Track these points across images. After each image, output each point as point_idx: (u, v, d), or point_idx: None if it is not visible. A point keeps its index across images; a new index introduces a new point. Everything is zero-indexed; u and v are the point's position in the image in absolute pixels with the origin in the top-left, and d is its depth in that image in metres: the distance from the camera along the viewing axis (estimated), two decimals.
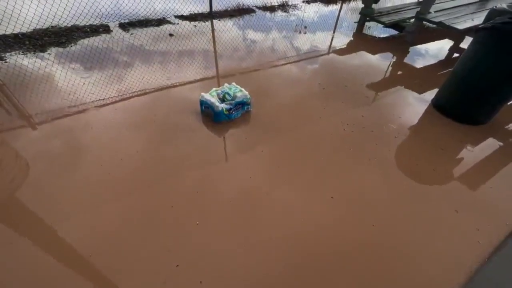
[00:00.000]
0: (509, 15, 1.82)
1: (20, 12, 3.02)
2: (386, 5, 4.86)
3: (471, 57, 2.12)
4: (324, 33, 4.08)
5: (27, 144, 1.81)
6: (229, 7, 4.39)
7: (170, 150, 1.83)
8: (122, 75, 2.60)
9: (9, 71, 2.51)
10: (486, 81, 2.06)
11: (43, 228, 1.33)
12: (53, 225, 1.34)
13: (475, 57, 2.08)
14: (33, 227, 1.34)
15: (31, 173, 1.61)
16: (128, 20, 3.66)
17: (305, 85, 2.73)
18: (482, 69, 2.04)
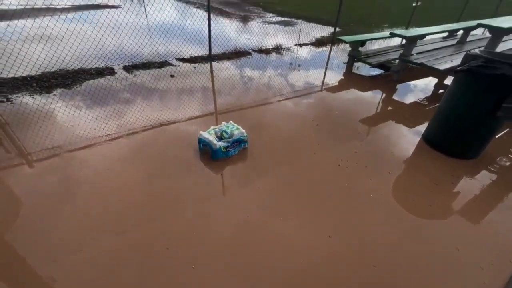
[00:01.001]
0: (482, 59, 2.00)
1: (31, 57, 3.24)
2: (372, 47, 5.28)
3: (452, 95, 2.27)
4: (316, 72, 4.36)
5: (22, 181, 1.81)
6: (227, 50, 4.72)
7: (168, 187, 1.83)
8: (123, 113, 2.71)
9: (13, 112, 2.60)
10: (468, 118, 2.18)
11: (31, 268, 1.28)
12: (40, 264, 1.29)
13: (456, 96, 2.22)
14: (20, 267, 1.28)
15: (24, 211, 1.59)
16: (132, 62, 3.91)
17: (299, 122, 2.83)
18: (463, 107, 2.18)
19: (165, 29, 5.96)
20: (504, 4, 11.08)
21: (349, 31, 7.06)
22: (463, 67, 2.10)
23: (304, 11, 9.77)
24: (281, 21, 8.65)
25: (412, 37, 3.59)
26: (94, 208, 1.65)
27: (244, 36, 6.25)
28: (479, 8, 12.38)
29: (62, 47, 3.50)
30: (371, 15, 10.33)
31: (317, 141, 2.49)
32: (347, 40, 4.08)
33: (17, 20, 5.35)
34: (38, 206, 1.65)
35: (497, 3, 11.06)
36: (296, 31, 7.27)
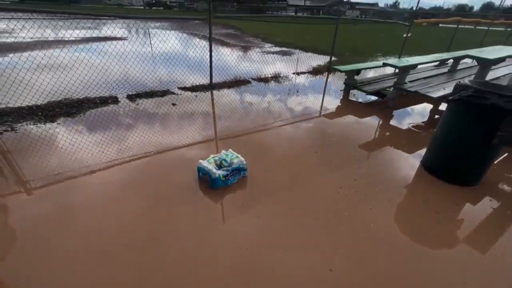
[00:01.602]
0: (472, 90, 2.08)
1: (39, 86, 3.36)
2: (367, 75, 5.49)
3: (447, 123, 2.32)
4: (314, 99, 4.49)
5: (19, 209, 1.79)
6: (228, 79, 4.92)
7: (165, 216, 1.81)
8: (123, 140, 2.75)
9: (16, 140, 2.65)
10: (464, 145, 2.21)
11: None
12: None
13: (450, 124, 2.28)
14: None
15: (19, 237, 1.55)
16: (136, 91, 4.05)
17: (298, 148, 2.87)
18: (458, 134, 2.23)
19: (169, 58, 6.25)
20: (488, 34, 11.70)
21: (344, 60, 7.39)
22: (454, 96, 2.17)
23: (301, 42, 10.31)
24: (279, 51, 9.08)
25: (404, 67, 3.76)
26: (89, 235, 1.62)
27: (244, 65, 6.53)
28: (467, 38, 13.06)
29: (69, 76, 3.65)
30: (364, 45, 10.87)
31: (316, 168, 2.50)
32: (342, 70, 4.26)
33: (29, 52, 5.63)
34: (33, 233, 1.61)
35: (483, 33, 11.70)
36: (294, 60, 7.61)
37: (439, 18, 13.69)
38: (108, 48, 5.28)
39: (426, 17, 28.98)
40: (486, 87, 2.12)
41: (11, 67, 3.72)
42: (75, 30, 10.68)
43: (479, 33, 13.38)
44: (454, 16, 10.17)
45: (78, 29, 11.21)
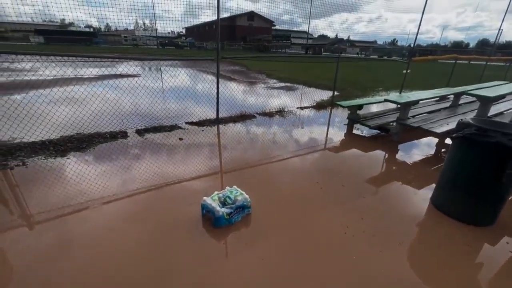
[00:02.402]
0: (475, 128, 2.10)
1: (53, 122, 3.53)
2: (370, 110, 5.61)
3: (453, 160, 2.30)
4: (318, 133, 4.55)
5: (19, 243, 1.76)
6: (233, 114, 5.08)
7: (166, 254, 1.75)
8: (130, 174, 2.77)
9: (25, 174, 2.71)
10: (473, 183, 2.16)
11: None
12: None
13: (457, 161, 2.26)
14: None
15: (17, 270, 1.50)
16: (145, 126, 4.20)
17: (303, 183, 2.84)
18: (465, 171, 2.19)
19: (178, 93, 6.56)
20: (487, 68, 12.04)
21: (346, 94, 7.63)
22: (458, 134, 2.19)
23: (304, 78, 10.77)
24: (283, 86, 9.47)
25: (405, 103, 3.85)
26: (88, 270, 1.56)
27: (249, 100, 6.79)
28: (466, 72, 13.46)
29: (84, 111, 3.84)
30: (365, 80, 11.27)
31: (321, 204, 2.45)
32: (345, 105, 4.38)
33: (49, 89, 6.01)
34: (32, 268, 1.57)
35: (482, 67, 12.06)
36: (298, 95, 7.90)
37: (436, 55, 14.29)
38: (121, 84, 5.61)
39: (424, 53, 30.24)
40: (489, 125, 2.13)
41: (31, 103, 3.95)
42: (93, 68, 11.48)
43: (478, 68, 13.81)
44: (451, 53, 10.63)
45: (96, 67, 12.04)
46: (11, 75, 7.56)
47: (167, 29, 46.30)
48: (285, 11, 24.04)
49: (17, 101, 3.77)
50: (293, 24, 22.42)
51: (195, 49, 40.50)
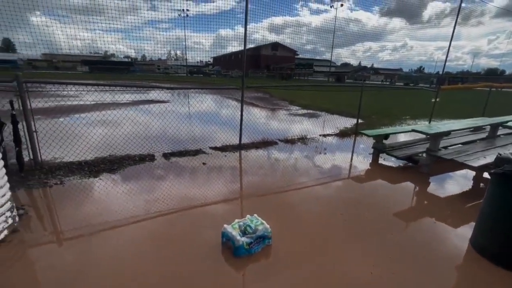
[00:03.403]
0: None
1: (90, 144, 3.83)
2: (397, 139, 5.41)
3: (493, 198, 2.11)
4: (341, 162, 4.44)
5: (47, 257, 1.84)
6: (255, 140, 5.16)
7: (184, 279, 1.73)
8: (154, 196, 2.86)
9: (61, 192, 2.91)
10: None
11: None
12: None
13: (497, 199, 2.06)
14: None
15: None
16: (171, 150, 4.39)
17: (325, 214, 2.73)
18: (505, 210, 1.98)
19: (203, 118, 6.86)
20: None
21: (371, 122, 7.47)
22: (497, 170, 2.02)
23: (327, 105, 10.79)
24: (305, 113, 9.53)
25: (436, 134, 3.68)
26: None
27: (271, 126, 6.89)
28: (505, 101, 12.65)
29: (116, 134, 4.13)
30: (391, 108, 11.01)
31: (345, 239, 2.31)
32: (370, 135, 4.28)
33: (88, 113, 6.58)
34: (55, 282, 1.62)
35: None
36: (320, 122, 7.88)
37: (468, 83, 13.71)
38: (152, 109, 6.00)
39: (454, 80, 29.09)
40: None
41: (72, 125, 4.35)
42: (129, 94, 12.48)
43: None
44: (485, 81, 10.14)
45: (131, 93, 13.09)
46: (58, 100, 8.46)
47: (197, 58, 49.81)
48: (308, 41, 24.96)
49: (60, 124, 4.19)
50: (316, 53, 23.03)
51: (221, 76, 42.80)
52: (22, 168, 3.24)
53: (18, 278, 1.77)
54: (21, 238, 2.14)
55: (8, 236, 2.09)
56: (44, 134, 3.56)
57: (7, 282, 1.72)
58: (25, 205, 2.58)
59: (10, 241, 2.07)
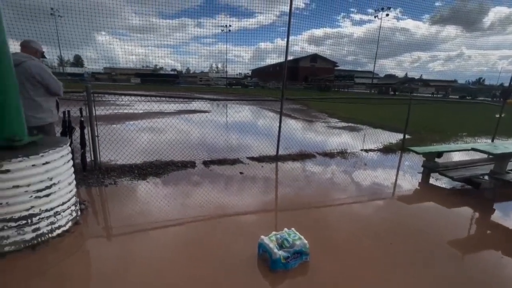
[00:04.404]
0: None
1: (140, 149, 4.18)
2: (452, 158, 4.87)
3: None
4: (385, 179, 4.13)
5: (99, 249, 2.02)
6: (292, 152, 5.10)
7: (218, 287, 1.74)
8: (193, 201, 2.98)
9: (114, 192, 3.21)
10: None
11: None
12: None
13: None
14: None
15: (90, 275, 1.70)
16: (211, 158, 4.57)
17: (367, 235, 2.53)
18: None
19: (241, 128, 7.03)
20: None
21: (420, 139, 6.87)
22: None
23: (369, 118, 10.25)
24: (346, 126, 9.17)
25: (502, 155, 3.22)
26: None
27: (309, 139, 6.76)
28: None
29: (162, 140, 4.46)
30: (444, 123, 10.00)
31: (392, 266, 2.11)
32: (420, 152, 3.92)
33: (139, 120, 7.24)
34: (100, 272, 1.76)
35: None
36: (361, 136, 7.50)
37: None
38: (194, 118, 6.35)
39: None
40: None
41: (125, 131, 4.82)
42: (174, 104, 13.45)
43: None
44: None
45: (176, 103, 14.09)
46: (114, 108, 9.49)
47: (236, 71, 51.96)
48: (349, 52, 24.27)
49: (115, 130, 4.69)
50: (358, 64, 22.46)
51: (258, 88, 43.76)
52: (85, 168, 3.67)
53: (76, 265, 1.97)
54: (81, 230, 2.39)
55: (72, 227, 2.36)
56: (103, 139, 4.00)
57: (69, 267, 1.93)
58: (85, 201, 2.89)
59: (73, 231, 2.33)
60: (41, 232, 2.11)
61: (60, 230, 2.24)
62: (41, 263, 1.96)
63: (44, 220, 2.11)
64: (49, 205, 2.13)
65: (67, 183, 2.31)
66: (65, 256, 2.07)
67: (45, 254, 2.04)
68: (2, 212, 1.92)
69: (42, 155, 2.04)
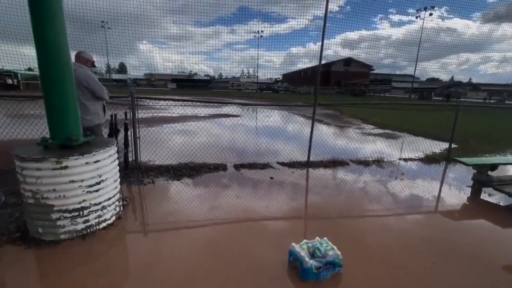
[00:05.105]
0: None
1: (175, 151, 4.39)
2: (509, 172, 4.34)
3: None
4: (427, 192, 3.81)
5: (137, 242, 2.15)
6: (324, 159, 4.96)
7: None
8: (224, 203, 3.05)
9: (151, 190, 3.42)
10: None
11: None
12: None
13: None
14: None
15: (126, 264, 1.82)
16: (241, 162, 4.63)
17: (407, 251, 2.35)
18: None
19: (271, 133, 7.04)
20: None
21: (469, 148, 6.24)
22: None
23: (408, 125, 9.58)
24: (382, 133, 8.69)
25: None
26: None
27: (341, 145, 6.52)
28: None
29: (196, 143, 4.65)
30: (500, 133, 8.95)
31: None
32: (469, 163, 3.55)
33: (175, 123, 7.63)
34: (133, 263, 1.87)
35: None
36: (400, 144, 7.03)
37: None
38: (226, 122, 6.52)
39: None
40: None
41: (163, 133, 5.12)
42: (206, 108, 13.98)
43: None
44: None
45: (208, 107, 14.62)
46: (153, 112, 10.14)
47: (267, 75, 52.49)
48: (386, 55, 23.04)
49: (153, 132, 5.00)
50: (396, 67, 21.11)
51: (289, 93, 43.53)
52: (127, 166, 3.96)
53: (117, 257, 2.14)
54: (122, 224, 2.59)
55: (115, 221, 2.56)
56: (143, 140, 4.30)
57: (111, 258, 2.10)
58: (127, 197, 3.12)
59: (116, 225, 2.53)
60: (90, 224, 2.32)
61: (105, 223, 2.44)
62: (89, 252, 2.16)
63: (93, 213, 2.32)
64: (98, 200, 2.34)
65: (113, 180, 2.51)
66: (108, 248, 2.26)
67: (93, 244, 2.24)
68: (60, 204, 2.16)
69: (94, 154, 2.26)
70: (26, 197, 2.15)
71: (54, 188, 2.12)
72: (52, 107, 2.30)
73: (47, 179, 2.09)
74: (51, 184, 2.11)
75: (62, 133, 2.32)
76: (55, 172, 2.10)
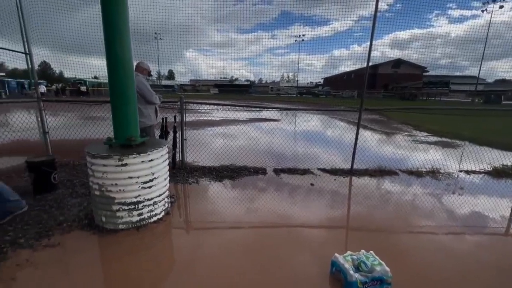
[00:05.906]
0: None
1: (217, 153, 4.57)
2: None
3: None
4: (494, 208, 3.32)
5: (179, 239, 2.29)
6: (370, 167, 4.65)
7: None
8: (263, 207, 3.07)
9: (195, 189, 3.61)
10: None
11: None
12: None
13: None
14: None
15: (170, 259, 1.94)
16: (281, 167, 4.62)
17: (467, 277, 2.06)
18: None
19: (311, 138, 6.87)
20: None
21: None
22: None
23: (469, 132, 8.46)
24: (437, 141, 7.85)
25: None
26: None
27: (389, 153, 6.06)
28: None
29: (237, 146, 4.78)
30: None
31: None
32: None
33: (217, 127, 7.95)
34: (175, 259, 1.98)
35: None
36: (459, 154, 6.25)
37: None
38: (265, 126, 6.57)
39: None
40: None
41: (206, 136, 5.38)
42: (246, 112, 14.32)
43: None
44: None
45: (248, 111, 14.96)
46: (197, 115, 10.76)
47: (307, 79, 51.58)
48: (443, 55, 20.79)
49: (198, 134, 5.29)
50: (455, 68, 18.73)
51: (330, 97, 42.10)
52: (174, 166, 4.26)
53: (165, 249, 2.31)
54: (170, 220, 2.79)
55: (164, 216, 2.77)
56: (189, 142, 4.58)
57: (159, 250, 2.28)
58: (174, 195, 3.35)
59: (164, 220, 2.74)
60: (143, 217, 2.55)
61: (156, 218, 2.65)
62: (141, 242, 2.38)
63: (146, 207, 2.55)
64: (150, 195, 2.56)
65: (163, 178, 2.73)
66: (158, 241, 2.45)
67: (145, 236, 2.46)
68: (120, 197, 2.42)
69: (149, 153, 2.49)
70: (94, 189, 2.46)
71: (116, 182, 2.39)
72: (116, 111, 2.61)
73: (111, 174, 2.37)
74: (114, 179, 2.38)
75: (124, 133, 2.61)
76: (117, 168, 2.37)
